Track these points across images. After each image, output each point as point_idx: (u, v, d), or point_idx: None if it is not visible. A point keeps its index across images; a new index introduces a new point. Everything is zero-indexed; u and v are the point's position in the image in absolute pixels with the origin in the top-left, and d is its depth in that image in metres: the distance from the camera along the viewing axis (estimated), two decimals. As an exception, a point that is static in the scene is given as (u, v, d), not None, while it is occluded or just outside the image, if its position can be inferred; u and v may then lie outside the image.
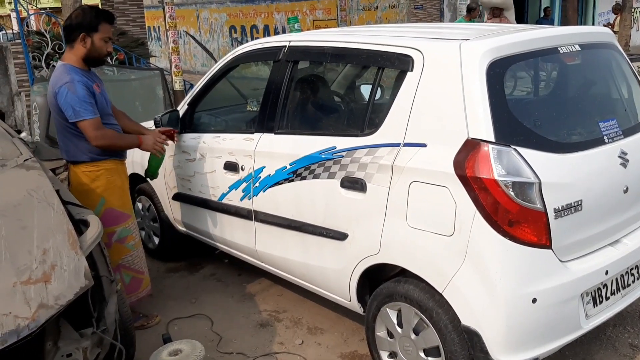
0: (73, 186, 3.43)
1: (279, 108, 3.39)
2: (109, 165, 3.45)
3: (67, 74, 3.24)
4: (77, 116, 3.21)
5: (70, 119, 3.23)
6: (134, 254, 3.61)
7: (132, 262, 3.62)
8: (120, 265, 3.55)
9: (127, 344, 2.84)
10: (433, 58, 2.68)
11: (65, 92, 3.19)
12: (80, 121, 3.22)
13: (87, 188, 3.39)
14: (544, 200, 2.44)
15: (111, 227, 3.46)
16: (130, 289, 3.65)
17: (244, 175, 3.55)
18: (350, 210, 2.96)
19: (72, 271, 2.39)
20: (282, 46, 3.44)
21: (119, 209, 3.49)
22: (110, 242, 3.49)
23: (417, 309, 2.70)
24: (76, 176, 3.41)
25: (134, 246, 3.61)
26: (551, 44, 2.80)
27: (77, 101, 3.19)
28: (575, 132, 2.81)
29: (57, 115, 3.31)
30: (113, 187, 3.46)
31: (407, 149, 2.69)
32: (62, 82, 3.21)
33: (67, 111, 3.21)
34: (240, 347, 3.44)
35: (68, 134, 3.34)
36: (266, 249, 3.57)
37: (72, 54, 3.33)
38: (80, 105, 3.20)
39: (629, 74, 3.20)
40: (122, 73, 7.19)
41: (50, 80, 3.34)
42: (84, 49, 3.30)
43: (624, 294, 2.89)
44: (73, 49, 3.33)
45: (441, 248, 2.55)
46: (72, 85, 3.20)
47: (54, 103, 3.27)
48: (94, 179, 3.40)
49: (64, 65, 3.31)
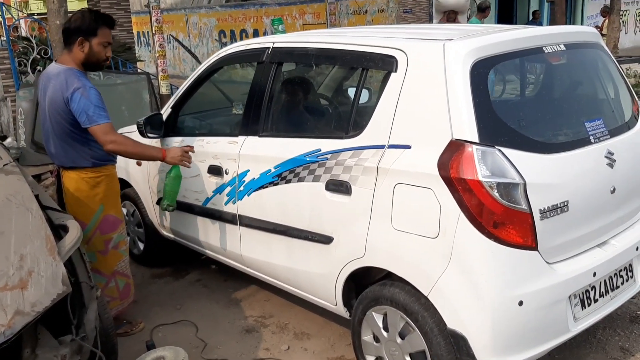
0: (69, 193, 3.35)
1: (263, 110, 3.35)
2: (109, 170, 3.41)
3: (77, 79, 3.17)
4: (91, 121, 3.14)
5: (84, 124, 3.15)
6: (125, 259, 3.58)
7: (125, 267, 3.58)
8: (115, 271, 3.50)
9: (108, 352, 2.79)
10: (417, 58, 2.65)
11: (78, 97, 3.12)
12: (94, 126, 3.15)
13: (87, 195, 3.32)
14: (529, 201, 2.41)
15: (109, 234, 3.42)
16: (124, 295, 3.60)
17: (228, 179, 3.50)
18: (335, 214, 2.92)
19: (49, 277, 2.34)
20: (266, 47, 3.41)
21: (115, 214, 3.45)
22: (107, 249, 3.43)
23: (402, 313, 2.66)
24: (74, 182, 3.32)
25: (125, 251, 3.59)
26: (536, 43, 2.78)
27: (92, 106, 3.13)
28: (561, 132, 2.78)
29: (62, 120, 3.22)
30: (112, 193, 3.42)
31: (392, 151, 2.65)
32: (74, 88, 3.13)
33: (81, 117, 3.14)
34: (225, 354, 3.39)
35: (70, 139, 3.26)
36: (251, 253, 3.52)
37: (71, 58, 3.26)
38: (94, 110, 3.13)
39: (615, 73, 3.18)
40: (108, 77, 7.13)
41: (53, 84, 3.22)
42: (82, 54, 3.24)
43: (612, 296, 2.86)
44: (71, 52, 3.26)
45: (426, 250, 2.52)
46: (85, 91, 3.14)
47: (63, 108, 3.17)
48: (94, 185, 3.34)
49: (70, 69, 3.22)
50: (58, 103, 3.19)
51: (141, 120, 3.89)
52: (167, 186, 3.61)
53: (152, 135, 3.97)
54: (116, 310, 3.51)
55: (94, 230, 3.36)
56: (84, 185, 3.32)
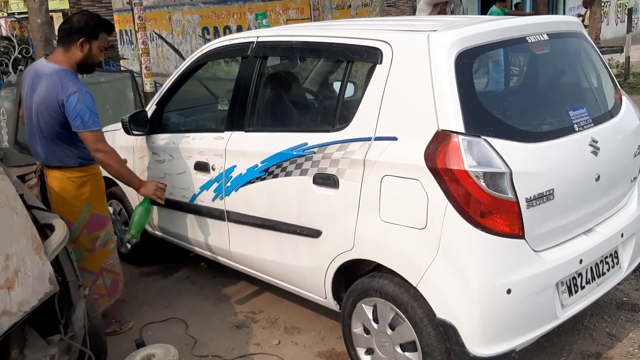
0: (54, 192, 3.33)
1: (248, 105, 3.34)
2: (95, 169, 3.41)
3: (72, 82, 3.15)
4: (85, 127, 3.13)
5: (77, 129, 3.14)
6: (114, 256, 3.59)
7: (113, 265, 3.58)
8: (103, 269, 3.50)
9: (97, 350, 2.78)
10: (401, 50, 2.65)
11: (75, 101, 3.10)
12: (87, 132, 3.15)
13: (73, 194, 3.31)
14: (515, 190, 2.42)
15: (96, 232, 3.41)
16: (111, 292, 3.60)
17: (215, 175, 3.49)
18: (323, 207, 2.92)
19: (36, 277, 2.32)
20: (250, 42, 3.39)
21: (102, 213, 3.45)
22: (95, 247, 3.43)
23: (392, 304, 2.67)
24: (59, 182, 3.31)
25: (114, 248, 3.59)
26: (519, 33, 2.79)
27: (87, 112, 3.12)
28: (546, 121, 2.80)
29: (53, 120, 3.19)
30: (97, 192, 3.42)
31: (378, 143, 2.66)
32: (71, 92, 3.11)
33: (76, 121, 3.12)
34: (216, 350, 3.38)
35: (57, 139, 3.24)
36: (240, 249, 3.51)
37: (67, 58, 3.23)
38: (90, 116, 3.13)
39: (598, 62, 3.21)
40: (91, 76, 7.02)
41: (46, 83, 3.18)
42: (81, 54, 3.22)
43: (599, 283, 2.89)
44: (68, 52, 3.22)
45: (414, 241, 2.53)
46: (81, 95, 3.12)
47: (56, 110, 3.14)
48: (81, 185, 3.33)
49: (64, 70, 3.19)
50: (50, 103, 3.15)
51: (126, 118, 3.86)
52: (135, 217, 3.61)
53: (137, 133, 3.94)
54: (104, 307, 3.50)
55: (81, 229, 3.34)
56: (70, 184, 3.30)
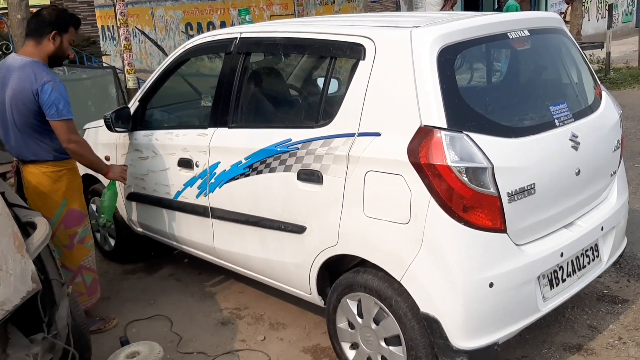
0: (30, 187, 3.31)
1: (232, 101, 3.33)
2: (71, 164, 3.41)
3: (45, 72, 3.19)
4: (60, 115, 3.15)
5: (52, 117, 3.15)
6: (92, 254, 3.57)
7: (91, 262, 3.57)
8: (82, 266, 3.49)
9: (81, 349, 2.76)
10: (384, 46, 2.66)
11: (49, 89, 3.13)
12: (61, 120, 3.16)
13: (49, 189, 3.30)
14: (497, 185, 2.45)
15: (73, 228, 3.40)
16: (92, 291, 3.58)
17: (198, 171, 3.48)
18: (307, 203, 2.93)
19: (18, 275, 2.30)
20: (234, 38, 3.38)
21: (79, 208, 3.44)
22: (72, 244, 3.42)
23: (376, 299, 2.69)
24: (35, 177, 3.29)
25: (92, 245, 3.57)
26: (501, 29, 2.81)
27: (62, 100, 3.15)
28: (527, 117, 2.83)
29: (27, 111, 3.18)
30: (74, 187, 3.41)
31: (362, 139, 2.67)
32: (45, 80, 3.14)
33: (50, 109, 3.13)
34: (201, 347, 3.38)
35: (31, 131, 3.23)
36: (224, 245, 3.51)
37: (39, 50, 3.26)
38: (64, 105, 3.16)
39: (578, 57, 3.24)
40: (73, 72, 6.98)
41: (18, 75, 3.18)
42: (53, 47, 3.26)
43: (580, 276, 2.93)
44: (40, 45, 3.25)
45: (398, 236, 2.54)
46: (55, 84, 3.16)
47: (30, 99, 3.14)
48: (56, 180, 3.32)
49: (36, 62, 3.21)
50: (24, 94, 3.16)
51: (108, 114, 3.84)
52: (105, 202, 3.69)
53: (120, 130, 3.92)
54: (84, 306, 3.47)
55: (58, 224, 3.33)
56: (46, 179, 3.30)
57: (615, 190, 3.23)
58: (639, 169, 5.81)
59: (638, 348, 3.08)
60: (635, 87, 10.29)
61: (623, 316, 3.39)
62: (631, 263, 3.95)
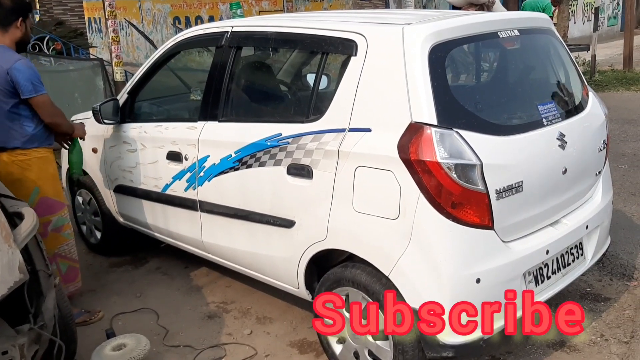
0: (1, 176, 3.28)
1: (222, 95, 3.32)
2: (40, 153, 3.39)
3: (14, 53, 3.26)
4: (37, 90, 3.22)
5: (29, 93, 3.20)
6: (70, 243, 3.57)
7: (69, 251, 3.56)
8: (56, 254, 3.50)
9: (67, 340, 2.75)
10: (376, 42, 2.67)
11: (23, 67, 3.19)
12: (39, 96, 3.23)
13: (19, 177, 3.29)
14: (485, 182, 2.47)
15: (46, 216, 3.39)
16: (68, 279, 3.59)
17: (187, 165, 3.47)
18: (297, 198, 2.93)
19: (5, 265, 2.29)
20: (225, 32, 3.38)
21: (53, 197, 3.42)
22: (46, 232, 3.41)
23: (364, 293, 2.70)
24: (5, 165, 3.29)
25: (70, 235, 3.56)
26: (491, 28, 2.84)
27: (35, 76, 3.21)
28: (516, 115, 2.86)
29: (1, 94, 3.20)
30: (46, 176, 3.39)
31: (352, 134, 2.68)
32: (16, 58, 3.21)
33: (26, 86, 3.18)
34: (187, 340, 3.38)
35: (2, 118, 3.24)
36: (213, 239, 3.50)
37: (6, 37, 3.29)
38: (38, 80, 3.22)
39: (566, 58, 3.28)
40: (59, 64, 6.93)
41: None
42: (21, 33, 3.32)
43: (564, 273, 2.97)
44: (7, 32, 3.29)
45: (387, 231, 2.56)
46: (26, 61, 3.24)
47: (4, 80, 3.17)
48: (25, 168, 3.31)
49: (3, 47, 3.26)
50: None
51: (97, 106, 3.82)
52: (74, 158, 3.77)
53: (109, 122, 3.90)
54: None
55: None
56: (15, 167, 3.30)
57: (600, 189, 3.27)
58: (622, 170, 5.89)
59: (620, 345, 3.13)
60: (620, 90, 10.42)
61: (605, 314, 3.44)
62: (614, 262, 4.01)
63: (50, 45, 7.87)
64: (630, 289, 3.69)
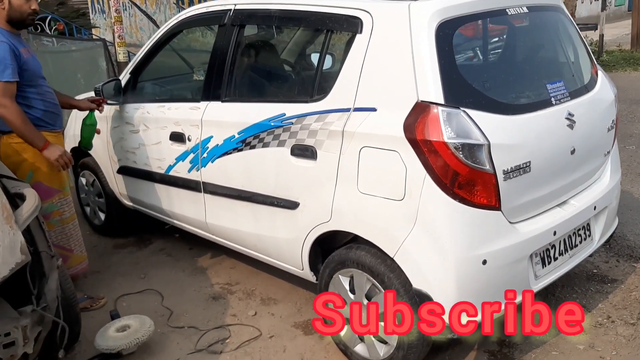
0: (1, 158, 3.24)
1: (225, 75, 3.28)
2: None
3: None
4: None
5: None
6: (57, 230, 3.43)
7: (60, 239, 3.45)
8: None
9: (71, 322, 2.74)
10: (382, 19, 2.61)
11: None
12: None
13: (15, 160, 3.23)
14: (493, 162, 2.43)
15: None
16: None
17: (191, 145, 3.44)
18: (301, 179, 2.90)
19: (7, 246, 2.27)
20: (228, 10, 3.32)
21: (46, 183, 3.31)
22: None
23: (369, 275, 2.68)
24: (4, 147, 3.25)
25: (59, 222, 3.43)
26: (499, 5, 2.77)
27: None
28: (524, 94, 2.80)
29: None
30: (42, 161, 3.26)
31: (357, 114, 2.64)
32: None
33: None
34: (192, 321, 3.37)
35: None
36: (216, 221, 3.48)
37: None
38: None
39: (575, 36, 3.21)
40: (62, 44, 6.87)
41: None
42: (3, 11, 3.17)
43: (571, 255, 2.94)
44: None
45: (392, 213, 2.53)
46: None
47: None
48: (20, 151, 3.24)
49: None
50: None
51: (99, 86, 3.78)
52: (84, 132, 3.78)
53: (111, 102, 3.86)
54: None
55: None
56: (11, 150, 3.24)
57: (609, 170, 3.23)
58: (630, 150, 5.83)
59: (626, 327, 3.11)
60: (627, 70, 10.31)
61: (612, 295, 3.41)
62: (621, 243, 3.98)
63: (52, 25, 7.81)
64: (637, 271, 3.66)
